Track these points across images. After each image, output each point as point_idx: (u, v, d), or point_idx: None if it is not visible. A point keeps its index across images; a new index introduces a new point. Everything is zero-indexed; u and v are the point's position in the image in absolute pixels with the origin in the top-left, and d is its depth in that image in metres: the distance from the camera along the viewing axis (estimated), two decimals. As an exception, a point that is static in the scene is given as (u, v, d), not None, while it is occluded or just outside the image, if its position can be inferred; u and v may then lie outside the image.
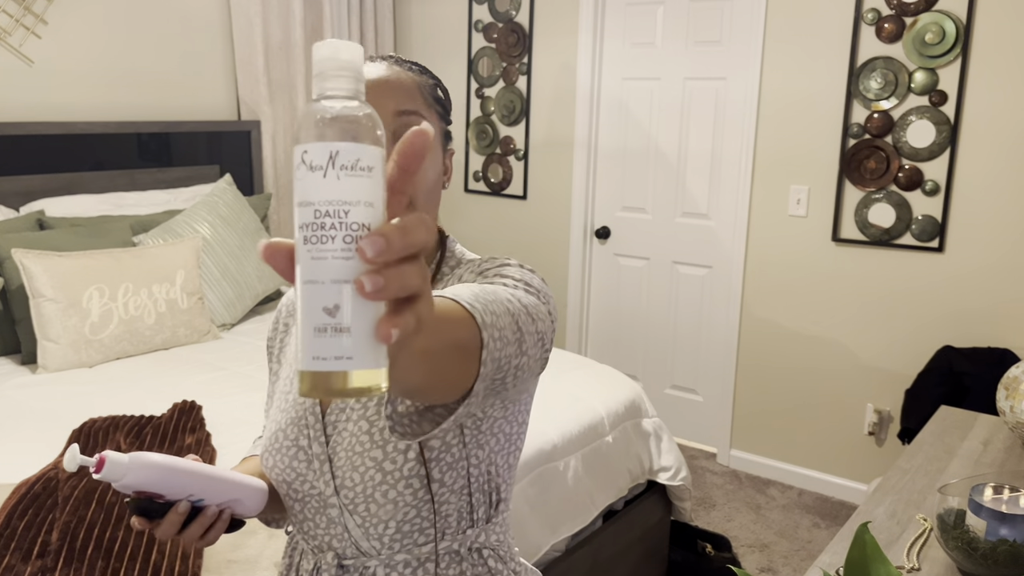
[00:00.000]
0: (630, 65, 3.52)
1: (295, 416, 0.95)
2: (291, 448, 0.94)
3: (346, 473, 0.90)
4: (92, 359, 2.43)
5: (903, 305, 2.99)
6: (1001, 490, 1.28)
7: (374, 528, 0.91)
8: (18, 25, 2.84)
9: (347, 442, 0.90)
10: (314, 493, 0.93)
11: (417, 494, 0.89)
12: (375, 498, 0.89)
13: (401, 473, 0.88)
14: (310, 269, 0.45)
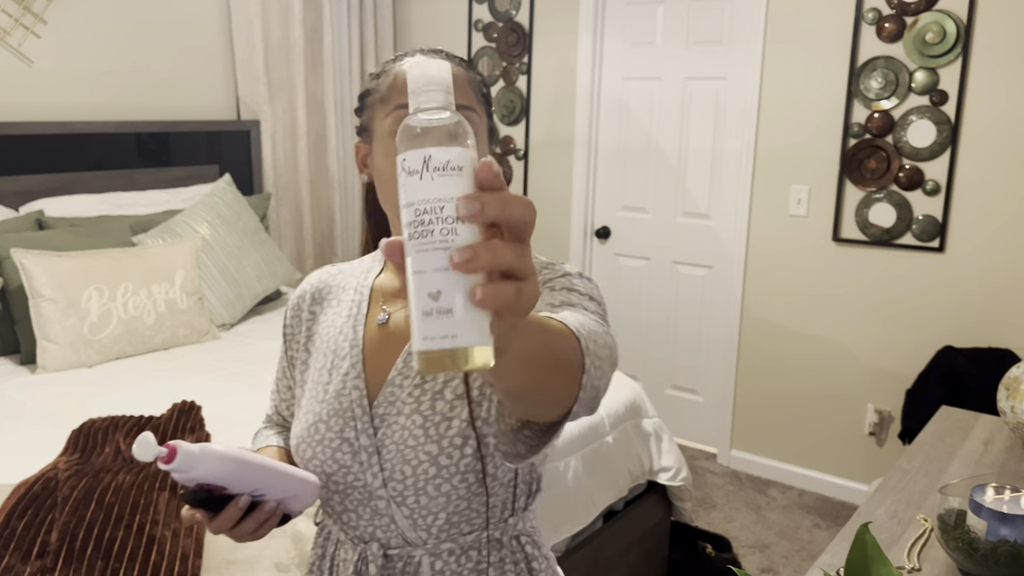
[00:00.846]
0: (630, 65, 3.52)
1: (339, 408, 0.94)
2: (334, 440, 0.93)
3: (396, 466, 0.91)
4: (91, 359, 2.43)
5: (904, 305, 2.99)
6: (1002, 490, 1.27)
7: (423, 519, 0.92)
8: (17, 25, 2.84)
9: (398, 435, 0.91)
10: (358, 485, 0.93)
11: (471, 488, 0.90)
12: (427, 491, 0.90)
13: (457, 468, 0.89)
14: (416, 261, 0.50)
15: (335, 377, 0.96)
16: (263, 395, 2.21)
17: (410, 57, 0.95)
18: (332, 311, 1.02)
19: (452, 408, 0.90)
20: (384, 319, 0.97)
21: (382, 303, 0.99)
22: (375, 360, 0.96)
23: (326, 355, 0.99)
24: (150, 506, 1.54)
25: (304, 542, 1.50)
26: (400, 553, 0.94)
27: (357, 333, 0.97)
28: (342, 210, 4.00)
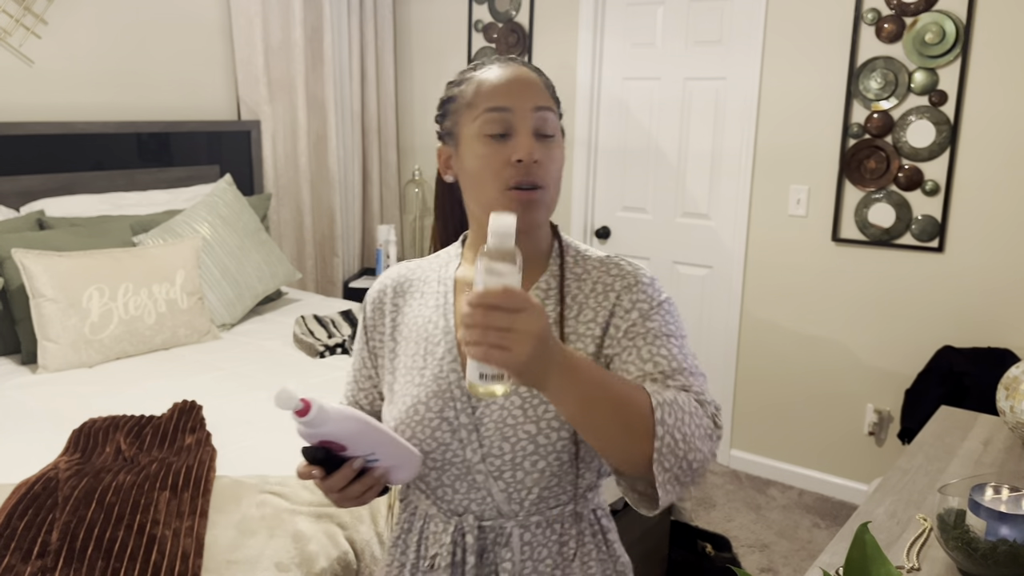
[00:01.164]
0: (630, 65, 3.52)
1: (437, 390, 1.01)
2: (434, 419, 1.00)
3: (494, 443, 0.98)
4: (92, 359, 2.43)
5: (903, 305, 2.99)
6: (1001, 490, 1.28)
7: (517, 493, 1.00)
8: (18, 25, 2.84)
9: (496, 415, 0.99)
10: (456, 461, 1.00)
11: (563, 466, 0.99)
12: (523, 466, 0.99)
13: (553, 447, 0.98)
14: None
15: (430, 362, 1.03)
16: (264, 395, 2.22)
17: (489, 65, 1.04)
18: (417, 302, 1.09)
19: None
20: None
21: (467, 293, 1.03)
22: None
23: (417, 343, 1.06)
24: (150, 506, 1.55)
25: (304, 542, 1.50)
26: (493, 524, 1.02)
27: (448, 321, 1.04)
28: (342, 210, 4.00)
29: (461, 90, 1.03)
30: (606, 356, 1.00)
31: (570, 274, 1.05)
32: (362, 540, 1.56)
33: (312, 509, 1.59)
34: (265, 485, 1.67)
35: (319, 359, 2.56)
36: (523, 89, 1.00)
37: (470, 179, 1.02)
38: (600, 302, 1.02)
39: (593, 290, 1.03)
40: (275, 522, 1.54)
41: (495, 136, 0.98)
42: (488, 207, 0.98)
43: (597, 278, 1.04)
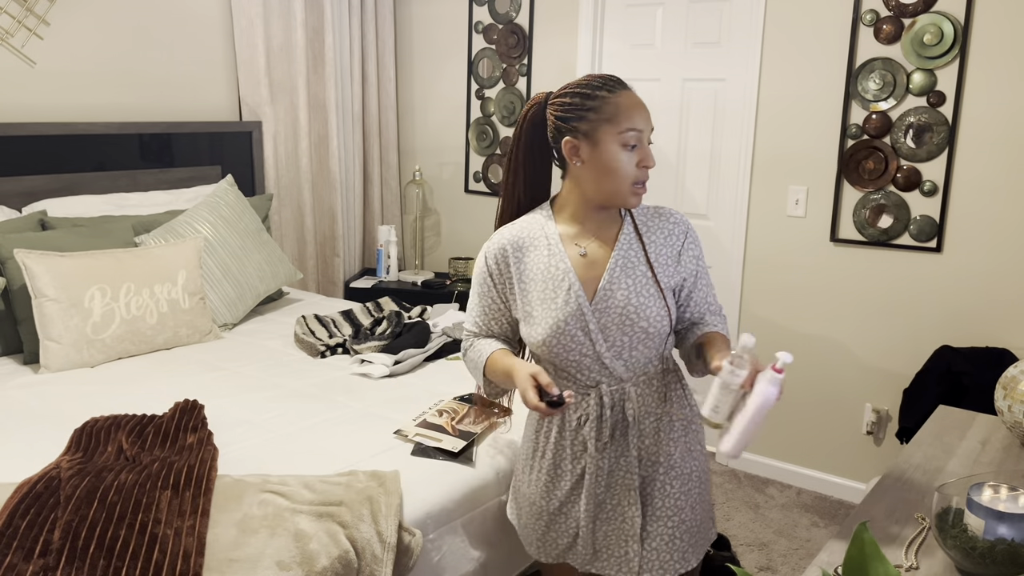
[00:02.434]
0: (629, 66, 3.53)
1: (570, 311, 1.45)
2: (572, 330, 1.46)
3: (616, 338, 1.47)
4: (94, 359, 2.44)
5: (901, 305, 3.00)
6: (999, 489, 1.28)
7: (632, 365, 1.50)
8: (20, 26, 2.85)
9: (617, 320, 1.46)
10: (589, 353, 1.47)
11: (659, 340, 1.50)
12: (637, 348, 1.49)
13: (656, 332, 1.49)
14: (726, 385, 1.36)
15: (560, 294, 1.47)
16: (264, 394, 2.22)
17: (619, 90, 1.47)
18: (535, 254, 1.51)
19: (649, 300, 1.48)
20: (584, 252, 1.50)
21: (574, 242, 1.51)
22: (585, 277, 1.49)
23: (545, 282, 1.49)
24: (152, 505, 1.55)
25: (305, 540, 1.51)
26: (617, 388, 1.50)
27: (566, 263, 1.48)
28: (343, 211, 4.01)
29: (604, 103, 1.44)
30: (684, 281, 1.55)
31: (640, 224, 1.53)
32: (363, 539, 1.56)
33: (313, 508, 1.60)
34: (266, 484, 1.67)
35: (320, 359, 2.57)
36: (647, 115, 1.46)
37: (603, 172, 1.45)
38: (671, 241, 1.54)
39: (661, 230, 1.54)
40: (276, 521, 1.55)
41: (629, 147, 1.43)
42: (613, 196, 1.46)
43: (657, 225, 1.54)
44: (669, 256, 1.53)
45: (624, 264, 1.49)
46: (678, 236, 1.54)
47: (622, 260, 1.49)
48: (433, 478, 1.79)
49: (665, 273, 1.51)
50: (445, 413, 2.04)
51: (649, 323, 1.47)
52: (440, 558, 1.74)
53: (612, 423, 1.50)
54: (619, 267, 1.48)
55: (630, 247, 1.50)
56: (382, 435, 1.96)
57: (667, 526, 1.53)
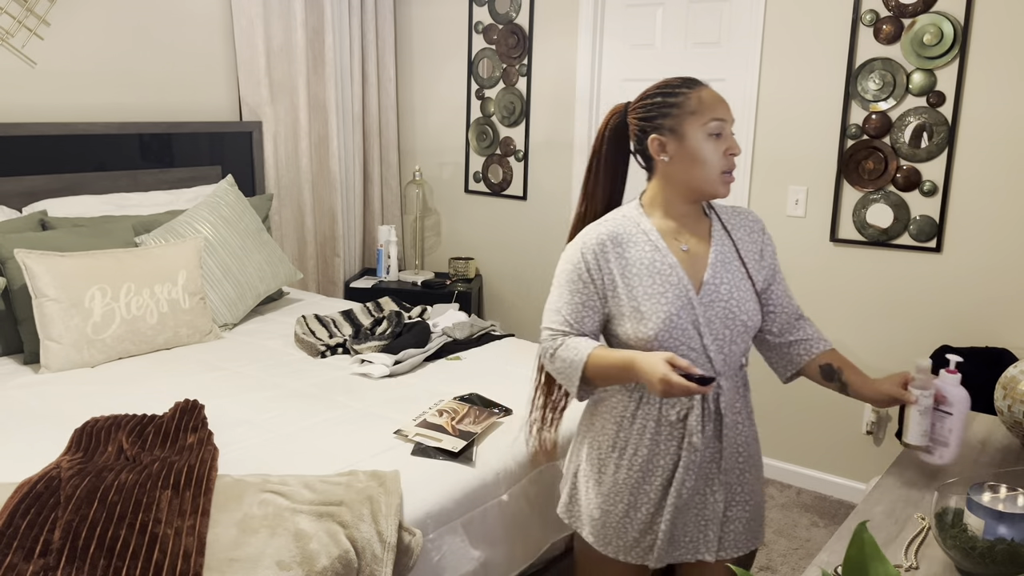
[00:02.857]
0: (629, 66, 3.53)
1: (681, 304, 1.50)
2: (683, 323, 1.51)
3: (720, 331, 1.53)
4: (94, 359, 2.44)
5: (901, 305, 3.00)
6: (998, 489, 1.29)
7: (728, 358, 1.56)
8: (20, 27, 2.85)
9: (721, 314, 1.53)
10: (696, 345, 1.52)
11: (749, 341, 1.60)
12: (736, 342, 1.56)
13: (752, 328, 1.57)
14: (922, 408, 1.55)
15: (669, 288, 1.51)
16: (265, 394, 2.22)
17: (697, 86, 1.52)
18: (635, 249, 1.54)
19: (747, 294, 1.55)
20: (686, 248, 1.56)
21: (675, 239, 1.56)
22: (688, 272, 1.54)
23: (652, 277, 1.52)
24: (152, 504, 1.55)
25: (305, 540, 1.51)
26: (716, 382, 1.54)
27: (672, 258, 1.53)
28: (344, 211, 4.01)
29: (686, 98, 1.50)
30: (766, 278, 1.61)
31: (725, 220, 1.61)
32: (363, 539, 1.56)
33: (313, 508, 1.60)
34: (266, 484, 1.67)
35: (320, 359, 2.57)
36: (728, 107, 1.52)
37: (692, 163, 1.50)
38: (753, 238, 1.62)
39: (743, 227, 1.62)
40: (276, 521, 1.55)
41: (714, 136, 1.49)
42: (703, 185, 1.52)
43: (739, 223, 1.62)
44: (754, 252, 1.61)
45: (723, 260, 1.56)
46: (758, 233, 1.63)
47: (720, 256, 1.56)
48: (433, 478, 1.79)
49: (753, 269, 1.59)
50: (445, 413, 2.04)
51: (748, 317, 1.55)
52: (440, 558, 1.74)
53: (713, 415, 1.56)
54: (719, 262, 1.55)
55: (723, 243, 1.58)
56: (382, 435, 1.96)
57: (744, 509, 1.61)
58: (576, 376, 1.51)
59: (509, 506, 1.91)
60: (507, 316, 4.13)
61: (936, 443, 1.55)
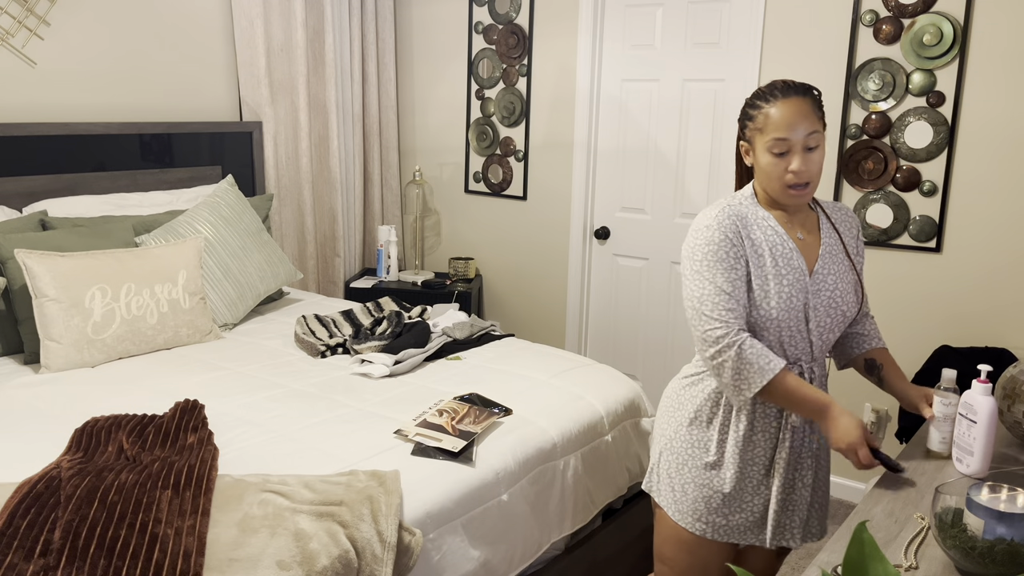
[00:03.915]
0: (629, 67, 3.53)
1: (799, 286, 1.60)
2: (797, 304, 1.60)
3: (823, 317, 1.63)
4: (94, 359, 2.44)
5: (901, 305, 3.00)
6: (998, 489, 1.29)
7: (826, 345, 1.67)
8: (21, 27, 2.85)
9: (827, 300, 1.62)
10: (801, 328, 1.62)
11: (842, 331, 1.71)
12: (833, 329, 1.66)
13: (851, 317, 1.68)
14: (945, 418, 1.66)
15: (790, 270, 1.60)
16: (265, 394, 2.22)
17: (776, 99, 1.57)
18: (759, 232, 1.62)
19: (849, 286, 1.65)
20: (802, 237, 1.65)
21: (790, 226, 1.65)
22: (805, 259, 1.63)
23: (775, 258, 1.60)
24: (152, 504, 1.55)
25: (305, 540, 1.51)
26: (810, 365, 1.66)
27: (790, 243, 1.62)
28: (344, 211, 4.01)
29: (756, 115, 1.59)
30: (860, 270, 1.71)
31: (831, 214, 1.71)
32: (363, 539, 1.56)
33: (313, 508, 1.60)
34: (266, 484, 1.68)
35: (320, 359, 2.57)
36: (799, 121, 1.54)
37: (760, 172, 1.61)
38: (854, 233, 1.73)
39: (846, 223, 1.72)
40: (276, 520, 1.55)
41: (776, 154, 1.56)
42: (773, 193, 1.61)
43: (841, 218, 1.72)
44: (854, 247, 1.71)
45: (831, 251, 1.66)
46: (856, 229, 1.73)
47: (829, 247, 1.66)
48: (433, 478, 1.79)
49: (856, 262, 1.71)
50: (445, 413, 2.04)
51: (848, 307, 1.65)
52: (440, 558, 1.74)
53: None
54: (828, 253, 1.65)
55: (831, 236, 1.67)
56: (382, 435, 1.96)
57: (822, 492, 1.73)
58: (760, 383, 1.54)
59: (509, 506, 1.91)
60: (507, 316, 4.13)
61: (962, 451, 1.57)
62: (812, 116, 1.55)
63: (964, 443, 1.56)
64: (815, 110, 1.56)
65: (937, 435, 1.64)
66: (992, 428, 1.52)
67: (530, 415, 2.12)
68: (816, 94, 1.59)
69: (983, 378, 1.54)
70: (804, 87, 1.58)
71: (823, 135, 1.57)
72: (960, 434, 1.57)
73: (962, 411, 1.57)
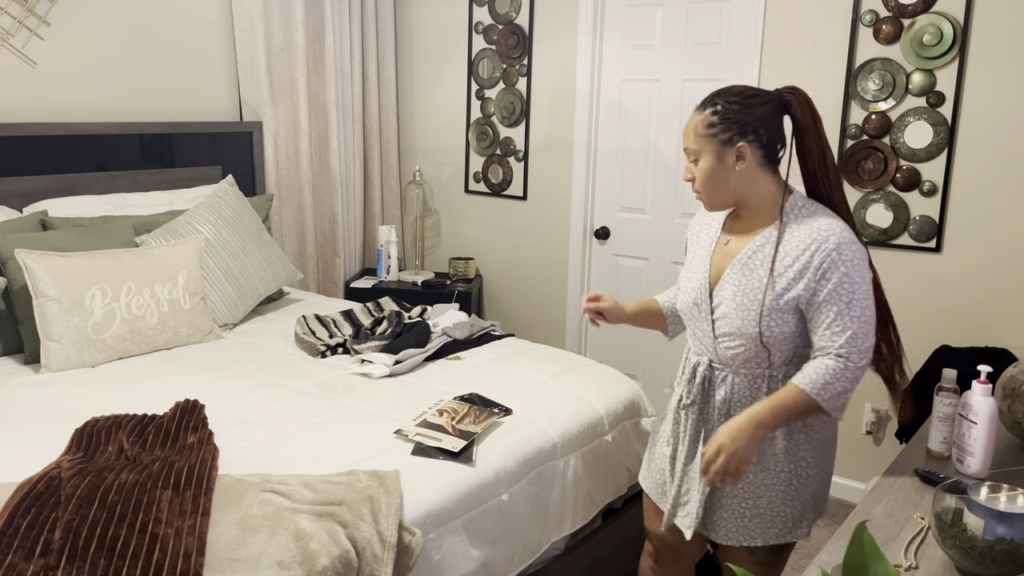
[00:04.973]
0: (629, 67, 3.54)
1: (700, 287, 1.67)
2: (687, 301, 1.69)
3: (721, 323, 1.62)
4: (95, 359, 2.44)
5: (901, 305, 3.00)
6: (998, 489, 1.29)
7: (731, 352, 1.63)
8: (21, 27, 2.85)
9: (724, 307, 1.61)
10: (705, 327, 1.66)
11: (756, 349, 1.60)
12: (735, 337, 1.60)
13: (748, 337, 1.59)
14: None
15: (699, 269, 1.68)
16: (265, 394, 2.23)
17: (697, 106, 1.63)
18: (705, 226, 1.74)
19: (753, 302, 1.57)
20: (727, 242, 1.66)
21: (729, 229, 1.67)
22: (720, 264, 1.66)
23: (695, 253, 1.72)
24: (153, 504, 1.55)
25: (306, 540, 1.51)
26: (719, 368, 1.67)
27: (713, 246, 1.68)
28: (344, 211, 4.01)
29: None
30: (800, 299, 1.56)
31: (786, 227, 1.59)
32: (363, 539, 1.56)
33: (313, 508, 1.60)
34: (266, 484, 1.68)
35: (320, 359, 2.57)
36: (686, 134, 1.61)
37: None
38: (805, 254, 1.55)
39: (800, 241, 1.56)
40: (276, 520, 1.55)
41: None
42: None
43: (800, 234, 1.57)
44: (793, 266, 1.54)
45: (747, 263, 1.59)
46: (813, 252, 1.52)
47: (747, 259, 1.60)
48: (433, 478, 1.79)
49: (780, 281, 1.54)
50: (445, 413, 2.04)
51: (743, 322, 1.57)
52: (440, 558, 1.74)
53: (699, 395, 1.69)
54: (741, 263, 1.60)
55: (761, 248, 1.59)
56: (382, 435, 1.96)
57: (742, 504, 1.68)
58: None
59: (509, 506, 1.91)
60: (507, 316, 4.13)
61: (962, 451, 1.57)
62: (693, 133, 1.58)
63: (964, 443, 1.56)
64: (705, 127, 1.55)
65: (938, 435, 1.65)
66: (992, 428, 1.52)
67: (530, 415, 2.12)
68: (717, 107, 1.55)
69: (983, 379, 1.54)
70: (705, 101, 1.58)
71: (711, 150, 1.56)
72: (960, 434, 1.57)
73: (962, 412, 1.57)
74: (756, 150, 1.56)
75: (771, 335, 1.56)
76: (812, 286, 1.51)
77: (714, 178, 1.58)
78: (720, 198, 1.60)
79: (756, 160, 1.57)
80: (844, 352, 1.49)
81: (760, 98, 1.55)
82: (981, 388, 1.54)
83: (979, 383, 1.54)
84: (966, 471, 1.57)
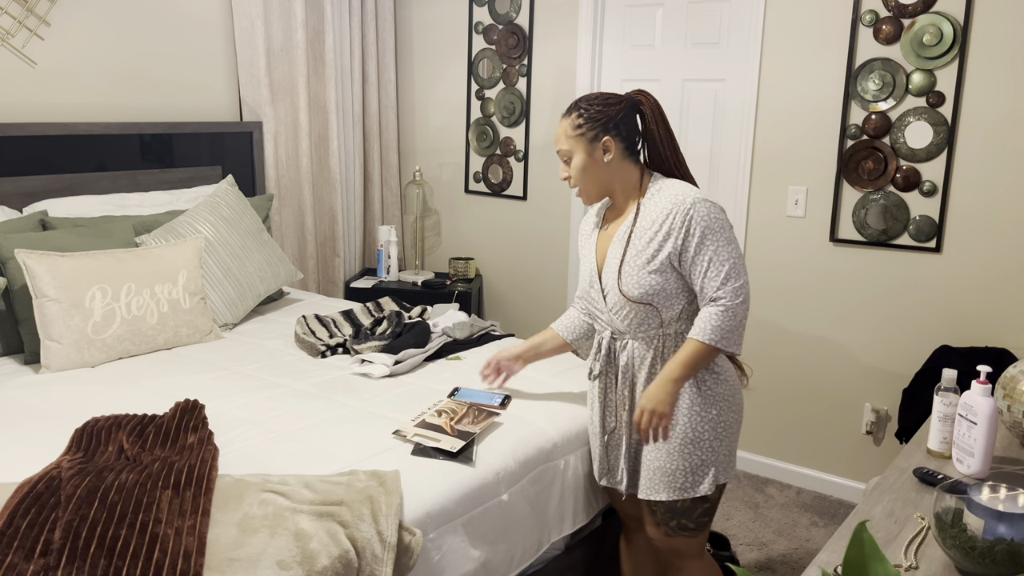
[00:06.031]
0: (629, 67, 3.53)
1: (590, 270, 1.92)
2: (588, 285, 1.92)
3: (613, 300, 1.85)
4: (95, 359, 2.44)
5: (900, 305, 3.00)
6: (998, 489, 1.29)
7: (627, 322, 1.85)
8: (21, 27, 2.85)
9: (611, 286, 1.84)
10: (601, 307, 1.89)
11: (647, 314, 1.82)
12: (625, 312, 1.83)
13: (635, 307, 1.80)
14: None
15: (588, 256, 1.93)
16: (265, 394, 2.23)
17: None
18: (586, 223, 2.00)
19: (633, 270, 1.79)
20: (606, 228, 1.92)
21: (606, 221, 1.94)
22: (601, 247, 1.91)
23: (583, 246, 1.96)
24: (153, 504, 1.55)
25: (306, 540, 1.51)
26: (619, 337, 1.89)
27: (594, 237, 1.94)
28: (344, 211, 4.01)
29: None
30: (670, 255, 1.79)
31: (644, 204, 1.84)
32: (363, 539, 1.56)
33: (313, 508, 1.60)
34: (267, 484, 1.68)
35: (320, 359, 2.57)
36: (557, 138, 1.90)
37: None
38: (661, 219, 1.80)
39: (653, 211, 1.82)
40: (277, 520, 1.55)
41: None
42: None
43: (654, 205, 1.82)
44: (656, 233, 1.78)
45: (621, 239, 1.84)
46: (667, 215, 1.77)
47: (622, 236, 1.84)
48: (433, 478, 1.79)
49: (646, 247, 1.78)
50: (444, 413, 2.04)
51: (628, 288, 1.79)
52: (440, 558, 1.74)
53: (605, 364, 1.92)
54: (617, 240, 1.84)
55: (628, 224, 1.84)
56: (382, 435, 1.96)
57: (648, 457, 1.86)
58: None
59: (509, 506, 1.91)
60: (507, 316, 4.13)
61: (962, 452, 1.58)
62: (564, 136, 1.85)
63: (964, 443, 1.57)
64: (573, 129, 1.82)
65: (938, 435, 1.65)
66: (992, 428, 1.52)
67: (530, 415, 2.12)
68: (581, 111, 1.82)
69: (983, 379, 1.54)
70: (570, 108, 1.85)
71: (582, 148, 1.83)
72: (960, 434, 1.57)
73: (962, 412, 1.57)
74: (619, 143, 1.82)
75: (654, 295, 1.78)
76: (679, 243, 1.74)
77: (587, 172, 1.85)
78: (595, 188, 1.87)
79: (620, 152, 1.82)
80: (722, 295, 1.73)
81: (615, 99, 1.82)
82: (981, 388, 1.54)
83: (979, 383, 1.54)
84: (966, 471, 1.57)
